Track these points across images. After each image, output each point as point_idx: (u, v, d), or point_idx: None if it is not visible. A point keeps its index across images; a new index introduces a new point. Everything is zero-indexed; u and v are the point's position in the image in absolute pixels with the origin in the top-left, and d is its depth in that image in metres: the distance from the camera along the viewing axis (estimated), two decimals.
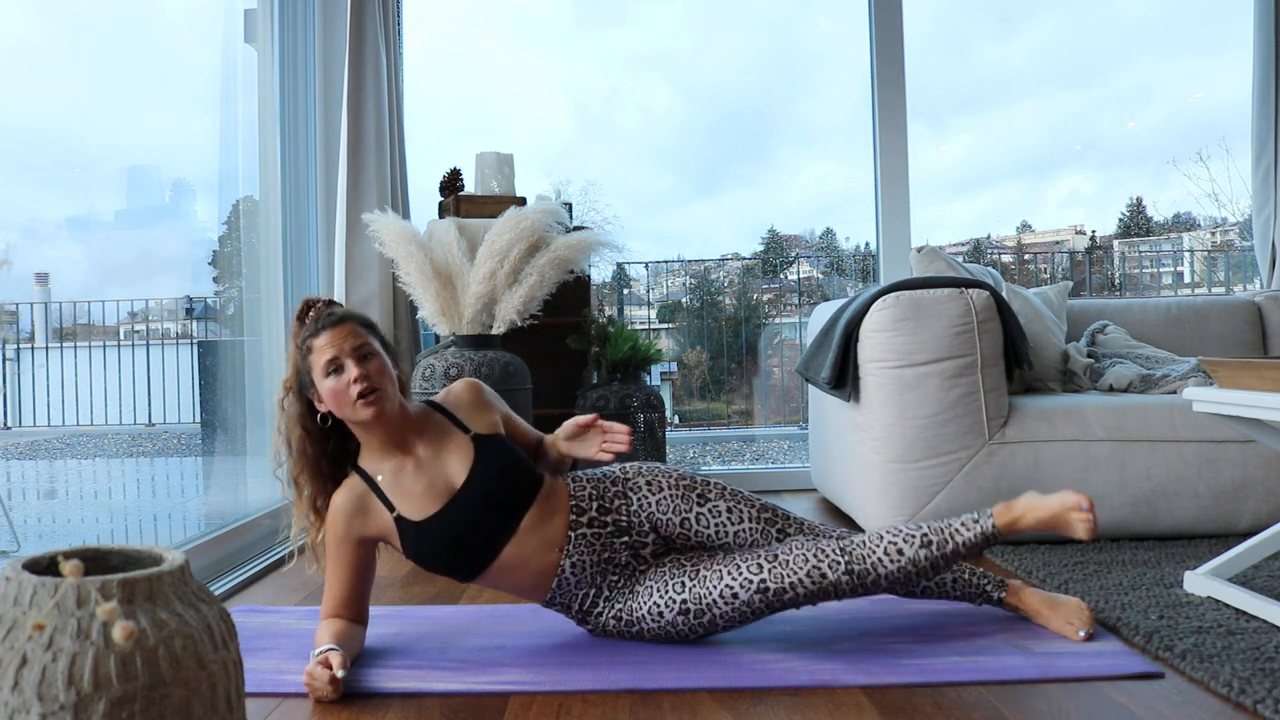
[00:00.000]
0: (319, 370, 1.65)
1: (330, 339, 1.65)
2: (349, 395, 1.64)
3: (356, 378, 1.64)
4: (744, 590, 1.64)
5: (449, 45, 5.16)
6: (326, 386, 1.65)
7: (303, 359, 1.68)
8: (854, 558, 1.63)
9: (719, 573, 1.67)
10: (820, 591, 1.62)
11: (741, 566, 1.65)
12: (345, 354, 1.65)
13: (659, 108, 6.24)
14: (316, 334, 1.67)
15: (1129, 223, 6.34)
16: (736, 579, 1.65)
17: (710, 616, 1.67)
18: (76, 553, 1.06)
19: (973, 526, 1.65)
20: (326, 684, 1.50)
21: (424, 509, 1.68)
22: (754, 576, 1.63)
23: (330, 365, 1.64)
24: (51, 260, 4.25)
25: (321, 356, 1.65)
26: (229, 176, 3.21)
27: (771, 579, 1.63)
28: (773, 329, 5.88)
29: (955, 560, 1.66)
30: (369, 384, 1.64)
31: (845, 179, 4.91)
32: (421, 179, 3.58)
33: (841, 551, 1.63)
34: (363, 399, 1.64)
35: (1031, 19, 5.90)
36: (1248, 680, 1.46)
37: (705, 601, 1.66)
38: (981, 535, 1.65)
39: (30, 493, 4.57)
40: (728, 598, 1.65)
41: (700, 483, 1.77)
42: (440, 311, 2.86)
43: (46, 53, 2.74)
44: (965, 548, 1.64)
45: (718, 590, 1.65)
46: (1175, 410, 2.52)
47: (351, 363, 1.64)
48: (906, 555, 1.62)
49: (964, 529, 1.65)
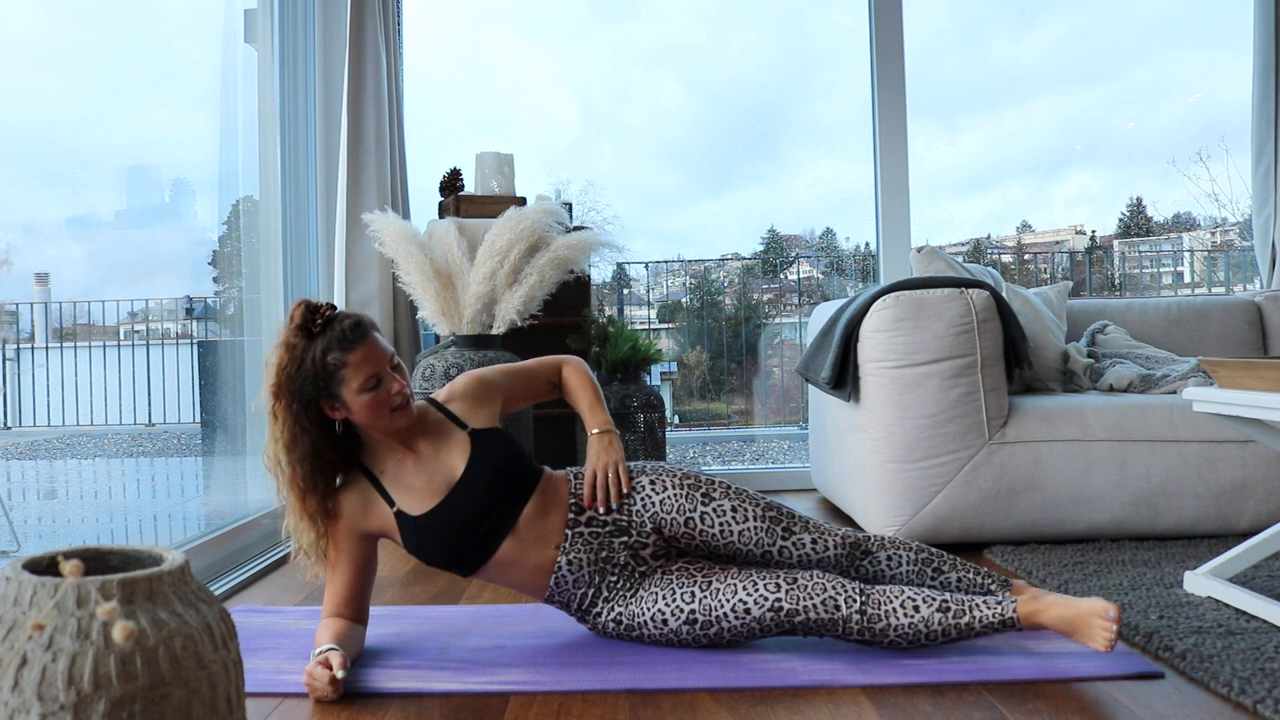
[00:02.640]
0: (353, 385, 1.61)
1: (366, 355, 1.61)
2: (388, 406, 1.64)
3: (398, 390, 1.65)
4: (758, 607, 1.64)
5: (454, 42, 5.14)
6: (362, 400, 1.62)
7: (325, 371, 1.60)
8: (870, 601, 1.62)
9: (733, 587, 1.66)
10: (830, 622, 1.62)
11: (759, 583, 1.65)
12: (383, 367, 1.64)
13: (669, 104, 6.18)
14: (349, 349, 1.60)
15: (1129, 223, 6.34)
16: (752, 595, 1.64)
17: (718, 629, 1.67)
18: (76, 553, 1.06)
19: (994, 608, 1.62)
20: (326, 684, 1.50)
21: (423, 504, 1.68)
22: (770, 595, 1.63)
23: (370, 381, 1.62)
24: (51, 260, 4.24)
25: (359, 373, 1.60)
26: (229, 176, 3.21)
27: (787, 600, 1.63)
28: (773, 329, 5.88)
29: (967, 635, 1.63)
30: (407, 394, 1.67)
31: (855, 177, 4.88)
32: (422, 179, 3.59)
33: (860, 591, 1.63)
34: (401, 409, 1.65)
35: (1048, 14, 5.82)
36: (1248, 680, 1.46)
37: (716, 614, 1.66)
38: (1000, 619, 1.61)
39: (30, 493, 4.57)
40: (740, 612, 1.65)
41: (705, 481, 1.77)
42: (440, 311, 2.86)
43: (47, 52, 2.74)
44: (980, 625, 1.61)
45: (730, 604, 1.65)
46: (1175, 410, 2.52)
47: (389, 376, 1.65)
48: (921, 614, 1.61)
49: (984, 607, 1.62)
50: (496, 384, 1.82)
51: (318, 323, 1.62)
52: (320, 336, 1.61)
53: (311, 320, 1.62)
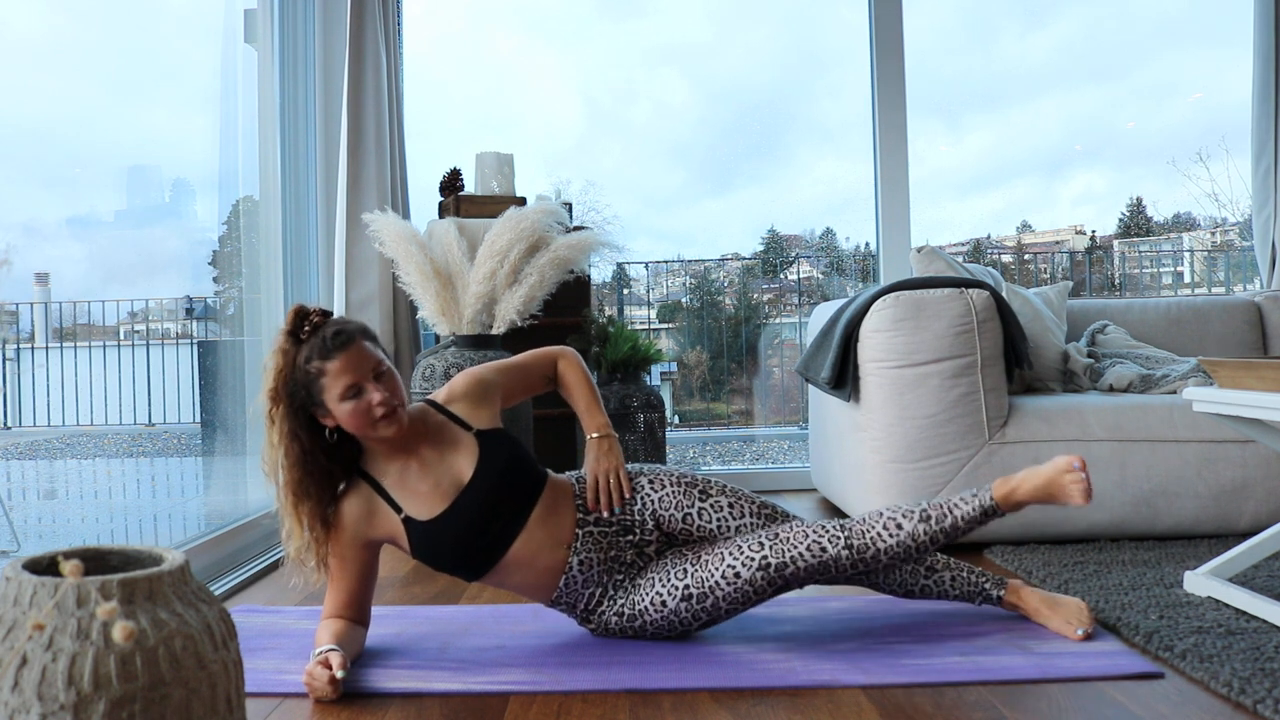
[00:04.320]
0: (334, 394, 1.59)
1: (346, 364, 1.59)
2: (371, 416, 1.61)
3: (380, 401, 1.60)
4: (746, 569, 1.66)
5: (455, 41, 5.12)
6: (345, 409, 1.60)
7: (308, 379, 1.60)
8: (853, 533, 1.66)
9: (720, 555, 1.69)
10: (821, 566, 1.65)
11: (743, 546, 1.68)
12: (365, 377, 1.60)
13: (675, 103, 6.14)
14: (328, 358, 1.59)
15: (1129, 223, 6.33)
16: (739, 558, 1.67)
17: (713, 600, 1.68)
18: (76, 553, 1.06)
19: (971, 501, 1.68)
20: (326, 684, 1.50)
21: (431, 508, 1.68)
22: (755, 555, 1.66)
23: (350, 390, 1.59)
24: (51, 260, 4.25)
25: (338, 382, 1.59)
26: (229, 176, 3.21)
27: (773, 555, 1.65)
28: (773, 329, 5.88)
29: (954, 536, 1.67)
30: (392, 404, 1.62)
31: (855, 177, 4.86)
32: (422, 179, 3.59)
33: (841, 528, 1.67)
34: (385, 419, 1.62)
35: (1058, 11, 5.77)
36: (1248, 680, 1.46)
37: (708, 584, 1.68)
38: (980, 509, 1.67)
39: (30, 493, 4.57)
40: (730, 578, 1.66)
41: (701, 480, 1.80)
42: (440, 311, 2.86)
43: (47, 52, 2.74)
44: (964, 521, 1.66)
45: (720, 571, 1.67)
46: (1175, 410, 2.52)
47: (371, 386, 1.61)
48: (905, 529, 1.65)
49: (962, 503, 1.68)
50: (495, 382, 1.81)
51: (305, 329, 1.62)
52: (306, 343, 1.61)
53: (299, 326, 1.62)
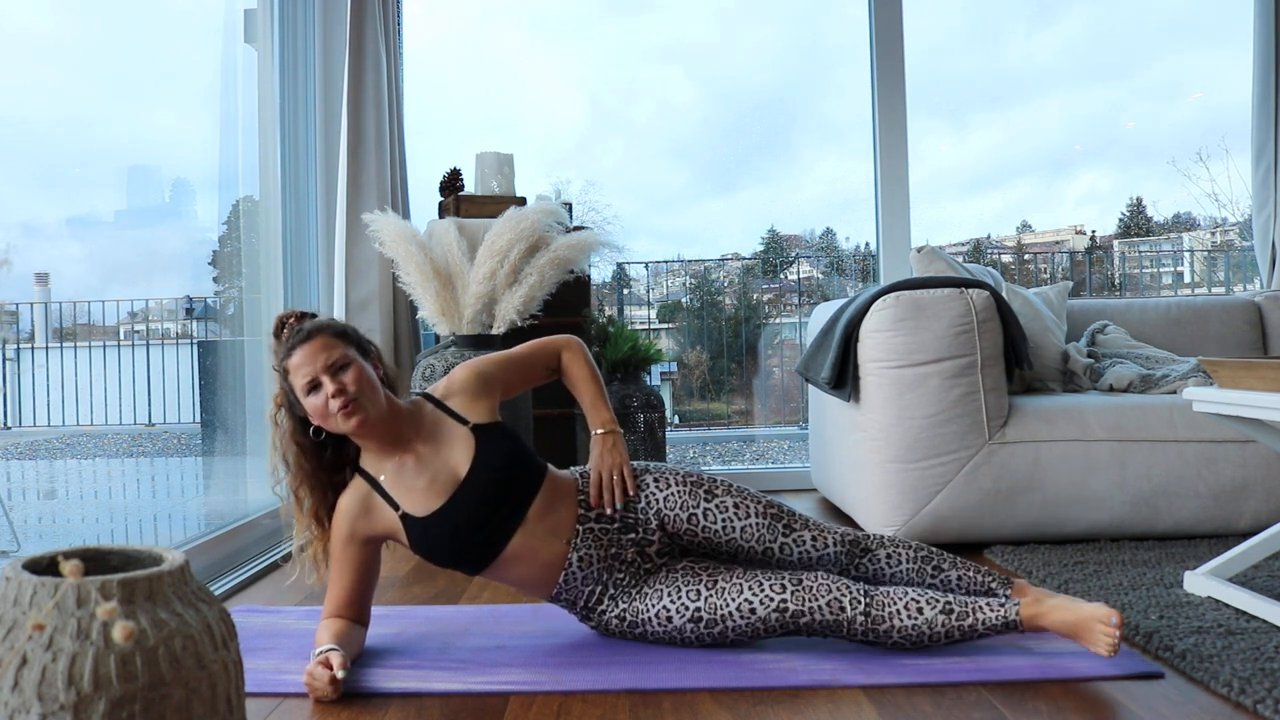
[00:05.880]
0: (299, 390, 1.65)
1: (303, 358, 1.64)
2: (329, 410, 1.64)
3: (334, 393, 1.63)
4: (764, 607, 1.64)
5: (456, 40, 5.10)
6: (309, 405, 1.65)
7: (284, 379, 1.68)
8: (874, 601, 1.63)
9: (738, 586, 1.67)
10: (835, 624, 1.63)
11: (764, 584, 1.66)
12: (320, 370, 1.64)
13: (678, 102, 6.09)
14: (290, 354, 1.66)
15: (1129, 223, 6.33)
16: (758, 595, 1.65)
17: (723, 629, 1.67)
18: (76, 553, 1.06)
19: (997, 610, 1.63)
20: (326, 684, 1.50)
21: (428, 504, 1.68)
22: (776, 596, 1.64)
23: (309, 385, 1.64)
24: (52, 260, 4.25)
25: (299, 376, 1.64)
26: (229, 176, 3.21)
27: (793, 601, 1.63)
28: (773, 329, 5.88)
29: (970, 637, 1.63)
30: (346, 397, 1.63)
31: (856, 177, 4.85)
32: (422, 179, 3.59)
33: (864, 592, 1.64)
34: (344, 411, 1.63)
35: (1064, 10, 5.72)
36: (1248, 680, 1.46)
37: (721, 613, 1.67)
38: (1002, 621, 1.62)
39: (30, 493, 4.57)
40: (745, 612, 1.65)
41: (707, 480, 1.78)
42: (440, 311, 2.86)
43: (47, 52, 2.73)
44: (984, 627, 1.62)
45: (735, 604, 1.66)
46: (1175, 410, 2.52)
47: (327, 379, 1.64)
48: (925, 615, 1.62)
49: (988, 609, 1.63)
50: (494, 376, 1.81)
51: (283, 330, 1.72)
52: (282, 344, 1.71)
53: (279, 329, 1.73)
